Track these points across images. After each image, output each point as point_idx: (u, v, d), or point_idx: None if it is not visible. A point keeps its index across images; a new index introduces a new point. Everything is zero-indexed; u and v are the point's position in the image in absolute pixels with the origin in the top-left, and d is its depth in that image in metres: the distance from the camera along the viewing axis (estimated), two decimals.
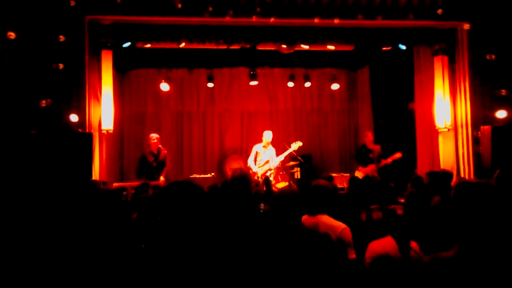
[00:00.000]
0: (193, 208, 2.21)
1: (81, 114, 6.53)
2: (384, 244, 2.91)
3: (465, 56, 7.38)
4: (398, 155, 7.88)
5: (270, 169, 8.13)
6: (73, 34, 6.54)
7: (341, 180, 8.66)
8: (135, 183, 5.68)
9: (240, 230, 3.01)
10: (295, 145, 8.28)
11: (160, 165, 7.80)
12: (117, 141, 9.50)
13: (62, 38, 6.27)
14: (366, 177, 5.41)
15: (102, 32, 6.95)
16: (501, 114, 6.99)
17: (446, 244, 1.95)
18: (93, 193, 2.67)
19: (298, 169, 9.11)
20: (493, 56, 6.92)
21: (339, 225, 3.04)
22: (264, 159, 8.27)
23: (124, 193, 4.57)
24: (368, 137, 8.30)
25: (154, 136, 7.91)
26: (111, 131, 7.20)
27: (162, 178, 7.73)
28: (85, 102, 6.64)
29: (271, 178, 8.09)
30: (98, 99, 7.00)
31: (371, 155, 8.05)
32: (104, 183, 5.46)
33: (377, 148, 8.14)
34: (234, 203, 3.56)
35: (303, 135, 10.62)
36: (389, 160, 7.93)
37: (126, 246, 2.23)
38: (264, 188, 7.48)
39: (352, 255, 3.01)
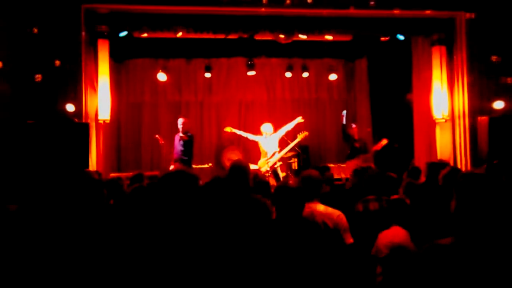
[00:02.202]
0: (189, 197, 2.21)
1: (78, 104, 6.49)
2: (395, 234, 2.94)
3: (463, 46, 7.35)
4: (384, 141, 7.90)
5: (277, 161, 8.00)
6: (69, 23, 6.48)
7: (338, 171, 8.70)
8: (131, 173, 5.68)
9: (238, 221, 3.02)
10: (302, 135, 8.15)
11: (188, 150, 7.85)
12: (114, 131, 9.48)
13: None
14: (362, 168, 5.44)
15: (98, 21, 6.88)
16: (498, 104, 6.99)
17: (441, 233, 1.97)
18: (86, 183, 2.67)
19: (296, 159, 9.11)
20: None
21: (334, 212, 3.09)
22: (268, 150, 8.10)
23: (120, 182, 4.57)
24: (354, 129, 8.35)
25: (180, 120, 7.93)
26: (108, 121, 7.17)
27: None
28: (81, 92, 6.60)
29: (278, 170, 8.02)
30: (94, 88, 6.95)
31: (356, 145, 8.09)
32: (98, 173, 5.44)
33: (362, 139, 8.22)
34: (232, 194, 3.56)
35: (301, 126, 10.57)
36: (378, 147, 7.95)
37: (121, 236, 2.24)
38: (272, 180, 7.48)
39: (350, 240, 3.05)
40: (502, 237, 1.74)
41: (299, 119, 8.18)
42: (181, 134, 7.93)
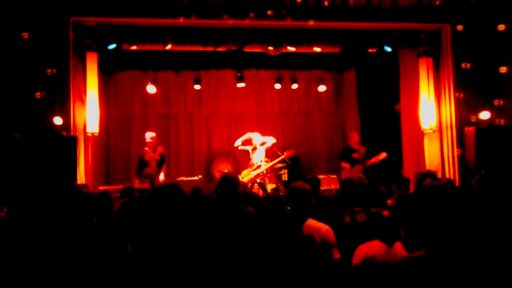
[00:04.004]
0: (178, 211, 2.20)
1: (66, 117, 6.46)
2: (372, 247, 2.93)
3: (449, 58, 7.47)
4: (384, 154, 7.94)
5: (261, 174, 8.08)
6: (57, 36, 6.46)
7: (328, 182, 8.70)
8: (121, 187, 5.64)
9: (227, 233, 3.01)
10: (287, 153, 8.26)
11: (159, 164, 7.73)
12: (103, 144, 9.40)
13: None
14: (349, 179, 5.46)
15: (87, 33, 6.89)
16: (484, 115, 7.09)
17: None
18: (73, 197, 2.64)
19: (286, 171, 9.13)
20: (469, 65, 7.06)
21: (322, 226, 3.06)
22: (254, 160, 8.20)
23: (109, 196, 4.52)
24: (354, 138, 8.36)
25: (148, 135, 7.79)
26: (97, 134, 7.13)
27: (161, 176, 7.64)
28: (69, 105, 6.57)
29: (265, 182, 8.10)
30: (83, 101, 6.92)
31: (355, 155, 8.11)
32: (85, 186, 5.39)
33: (361, 149, 8.20)
34: (222, 206, 3.56)
35: (290, 137, 10.64)
36: (377, 159, 7.97)
37: (109, 250, 2.22)
38: (261, 192, 7.54)
39: (337, 255, 3.03)
40: (467, 247, 1.77)
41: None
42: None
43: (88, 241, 2.43)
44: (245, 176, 8.10)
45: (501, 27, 6.89)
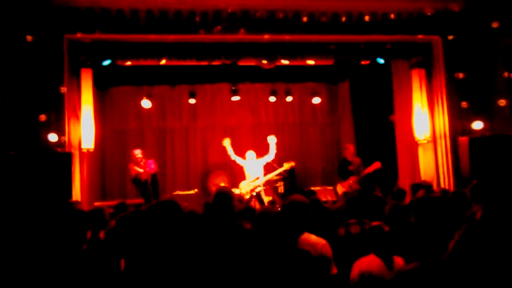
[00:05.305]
0: (175, 228, 2.21)
1: (61, 133, 6.45)
2: (369, 262, 2.91)
3: (441, 69, 7.53)
4: (377, 164, 7.96)
5: (259, 186, 8.10)
6: (52, 53, 6.49)
7: (324, 193, 8.71)
8: (116, 202, 5.63)
9: (222, 248, 3.00)
10: (288, 165, 8.29)
11: (153, 179, 7.77)
12: (98, 159, 9.39)
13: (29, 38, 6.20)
14: (346, 193, 5.47)
15: (81, 50, 6.91)
16: (477, 125, 7.14)
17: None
18: (67, 214, 2.64)
19: (282, 183, 9.14)
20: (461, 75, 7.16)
21: (319, 241, 3.01)
22: (251, 174, 8.22)
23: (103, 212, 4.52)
24: (349, 150, 8.39)
25: (137, 152, 7.84)
26: (92, 150, 7.12)
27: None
28: (64, 121, 6.56)
29: (262, 194, 8.12)
30: (78, 117, 6.92)
31: (350, 167, 8.13)
32: (78, 202, 5.38)
33: (357, 160, 8.23)
34: (216, 221, 3.55)
35: (286, 149, 10.65)
36: (370, 169, 7.99)
37: (102, 267, 2.21)
38: (258, 205, 7.56)
39: (334, 270, 3.01)
40: (461, 259, 1.77)
41: (273, 139, 8.31)
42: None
43: (81, 259, 2.42)
44: (244, 188, 8.10)
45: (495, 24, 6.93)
